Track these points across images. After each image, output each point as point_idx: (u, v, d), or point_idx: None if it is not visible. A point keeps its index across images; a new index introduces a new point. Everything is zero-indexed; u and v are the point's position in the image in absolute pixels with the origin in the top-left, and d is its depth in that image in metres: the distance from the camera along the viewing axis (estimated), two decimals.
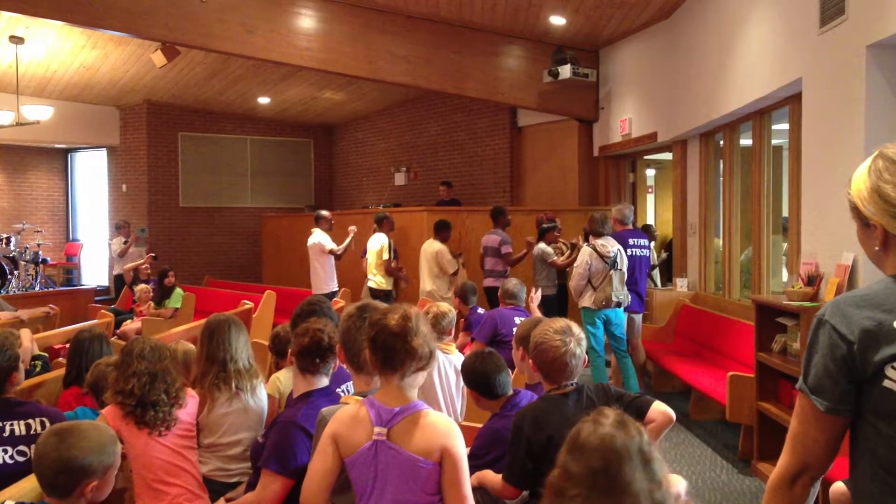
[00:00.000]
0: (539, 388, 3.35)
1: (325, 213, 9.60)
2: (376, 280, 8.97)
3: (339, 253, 9.15)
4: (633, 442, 1.53)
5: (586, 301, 6.95)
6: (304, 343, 2.99)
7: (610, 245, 6.94)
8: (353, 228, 9.37)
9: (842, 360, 1.59)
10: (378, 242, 8.99)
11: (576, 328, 2.92)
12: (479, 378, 3.28)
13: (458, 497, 2.28)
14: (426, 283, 8.84)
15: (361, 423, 2.31)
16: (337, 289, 9.31)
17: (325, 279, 9.14)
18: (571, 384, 2.87)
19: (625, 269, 6.99)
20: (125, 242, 11.44)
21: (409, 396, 2.33)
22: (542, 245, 8.45)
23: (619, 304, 6.91)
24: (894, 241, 1.63)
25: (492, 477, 2.93)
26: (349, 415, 2.36)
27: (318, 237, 9.18)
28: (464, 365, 3.46)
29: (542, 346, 2.86)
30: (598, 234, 7.08)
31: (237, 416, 3.52)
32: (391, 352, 2.28)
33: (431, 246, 8.90)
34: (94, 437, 2.32)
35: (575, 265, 7.18)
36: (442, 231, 8.94)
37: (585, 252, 7.03)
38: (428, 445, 2.26)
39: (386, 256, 8.89)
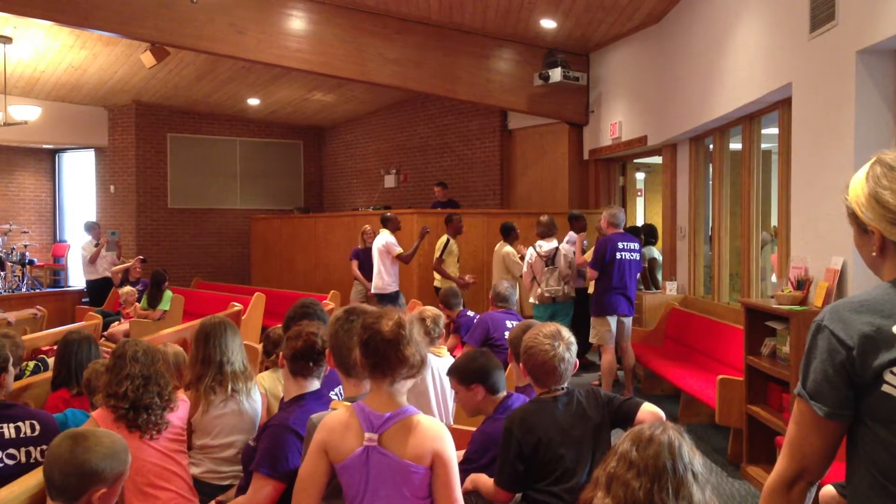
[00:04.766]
0: (528, 390, 3.36)
1: (390, 214, 9.45)
2: (439, 278, 9.00)
3: (406, 257, 9.07)
4: (694, 456, 1.78)
5: (532, 298, 7.94)
6: (297, 346, 2.98)
7: (547, 246, 7.91)
8: (426, 229, 9.15)
9: (841, 365, 1.59)
10: (438, 241, 9.04)
11: (566, 333, 2.93)
12: (477, 372, 3.23)
13: (449, 500, 2.28)
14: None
15: (351, 429, 2.30)
16: (398, 289, 9.21)
17: (388, 280, 9.03)
18: (561, 388, 2.88)
19: (563, 265, 7.80)
20: (96, 245, 11.31)
21: (400, 401, 2.32)
22: None
23: (553, 300, 7.77)
24: (892, 247, 1.64)
25: (485, 481, 2.93)
26: (338, 421, 2.35)
27: (386, 238, 9.06)
28: (459, 362, 3.36)
29: (531, 351, 2.88)
30: (543, 236, 8.00)
31: (231, 419, 3.52)
32: (382, 358, 2.27)
33: (502, 248, 8.89)
34: (107, 444, 2.31)
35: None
36: (510, 234, 8.88)
37: (530, 253, 7.98)
38: (419, 450, 2.26)
39: (437, 254, 8.92)
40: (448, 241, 8.98)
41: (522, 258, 8.75)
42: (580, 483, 2.66)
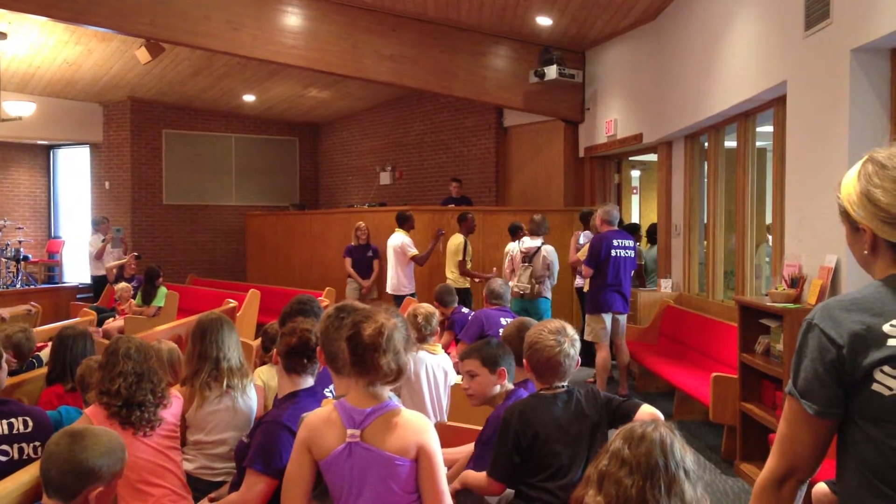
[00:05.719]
0: (523, 386, 3.35)
1: (408, 213, 9.39)
2: (452, 277, 8.99)
3: (421, 259, 9.04)
4: (686, 454, 1.79)
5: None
6: (291, 343, 2.97)
7: (530, 243, 8.07)
8: (442, 231, 9.19)
9: (831, 363, 1.59)
10: (454, 242, 9.02)
11: (570, 329, 2.93)
12: (504, 357, 3.25)
13: (435, 492, 2.30)
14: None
15: (332, 425, 2.31)
16: (414, 291, 9.17)
17: (404, 281, 9.02)
18: (562, 385, 2.88)
19: (538, 265, 7.93)
20: (103, 240, 11.34)
21: (381, 397, 2.33)
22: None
23: (521, 296, 7.94)
24: (883, 245, 1.64)
25: (475, 475, 2.94)
26: (320, 419, 2.36)
27: (402, 239, 9.02)
28: (482, 348, 3.33)
29: (536, 346, 2.87)
30: (531, 233, 8.14)
31: (225, 415, 3.53)
32: (360, 360, 2.30)
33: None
34: (105, 442, 2.33)
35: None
36: (516, 233, 8.84)
37: (515, 248, 8.25)
38: (403, 443, 2.27)
39: (460, 257, 8.91)
40: (466, 241, 8.99)
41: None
42: (574, 481, 2.67)
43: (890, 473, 1.56)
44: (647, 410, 2.78)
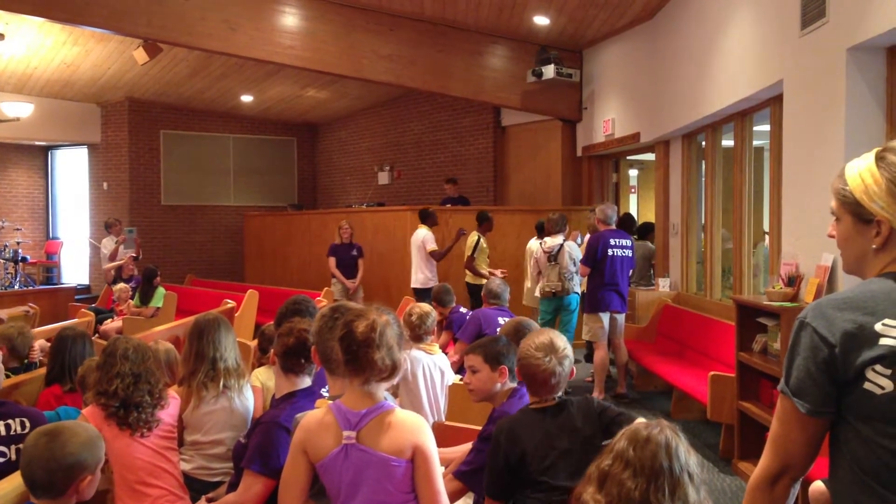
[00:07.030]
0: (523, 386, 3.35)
1: (430, 210, 9.48)
2: (470, 275, 9.06)
3: (439, 255, 9.07)
4: (690, 457, 1.79)
5: (536, 291, 8.12)
6: (289, 343, 2.98)
7: (551, 242, 7.96)
8: (463, 231, 9.24)
9: (823, 362, 1.59)
10: (469, 240, 9.12)
11: (560, 343, 2.88)
12: (507, 356, 3.23)
13: (431, 492, 2.30)
14: (529, 281, 8.95)
15: (328, 427, 2.32)
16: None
17: (430, 276, 9.09)
18: (553, 398, 2.86)
19: (564, 261, 7.82)
20: (116, 242, 11.35)
21: (376, 398, 2.33)
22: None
23: (554, 294, 7.84)
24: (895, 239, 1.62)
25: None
26: (315, 420, 2.36)
27: (423, 234, 9.10)
28: (488, 344, 3.30)
29: (524, 361, 2.86)
30: (550, 232, 8.07)
31: (221, 415, 3.53)
32: (354, 357, 2.29)
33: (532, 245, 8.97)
34: (82, 434, 2.39)
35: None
36: (542, 230, 8.83)
37: (537, 248, 8.17)
38: (399, 444, 2.27)
39: (469, 252, 8.98)
40: (479, 239, 9.03)
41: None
42: (565, 496, 2.65)
43: (882, 472, 1.56)
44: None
